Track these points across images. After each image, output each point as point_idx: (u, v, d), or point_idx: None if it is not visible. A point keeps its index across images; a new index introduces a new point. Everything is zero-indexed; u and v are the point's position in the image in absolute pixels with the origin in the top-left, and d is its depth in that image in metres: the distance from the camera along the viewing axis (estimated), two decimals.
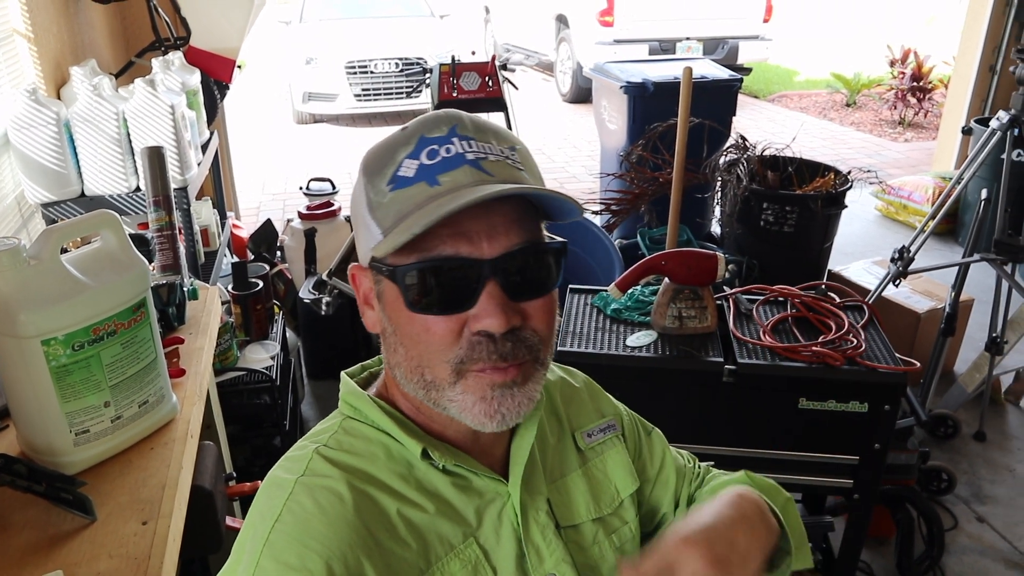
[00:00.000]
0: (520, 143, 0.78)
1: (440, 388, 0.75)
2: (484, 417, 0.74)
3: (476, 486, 0.81)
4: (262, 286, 2.56)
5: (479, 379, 0.74)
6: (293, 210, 4.43)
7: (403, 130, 0.77)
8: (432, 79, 4.08)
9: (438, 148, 0.73)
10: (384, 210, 0.73)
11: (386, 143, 0.77)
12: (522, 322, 0.74)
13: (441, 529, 0.77)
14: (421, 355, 0.75)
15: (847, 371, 1.79)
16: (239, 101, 8.20)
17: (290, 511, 0.72)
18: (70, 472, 1.20)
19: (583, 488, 0.90)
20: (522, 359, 0.74)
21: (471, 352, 0.73)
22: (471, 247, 0.71)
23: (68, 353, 1.15)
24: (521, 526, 0.82)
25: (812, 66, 10.59)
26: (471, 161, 0.73)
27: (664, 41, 7.97)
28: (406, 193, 0.72)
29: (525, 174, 0.76)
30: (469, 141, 0.74)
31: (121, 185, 2.36)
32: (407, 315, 0.74)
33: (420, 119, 0.77)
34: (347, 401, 0.85)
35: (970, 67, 5.24)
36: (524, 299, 0.74)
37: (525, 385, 0.76)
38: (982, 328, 2.90)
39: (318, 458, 0.78)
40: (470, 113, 0.78)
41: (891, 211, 5.10)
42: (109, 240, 1.25)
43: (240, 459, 2.29)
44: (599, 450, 0.94)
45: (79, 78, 2.27)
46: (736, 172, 3.38)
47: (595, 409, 0.98)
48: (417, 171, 0.73)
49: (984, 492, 2.70)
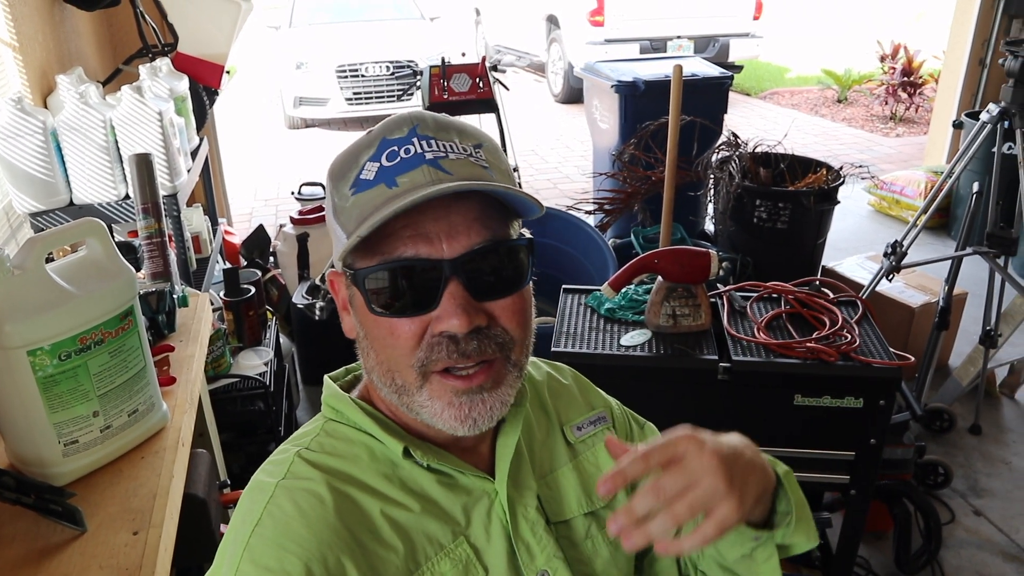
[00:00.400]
0: (488, 139, 0.78)
1: (409, 392, 0.75)
2: (455, 422, 0.74)
3: (462, 484, 0.81)
4: (254, 292, 2.55)
5: (443, 384, 0.74)
6: (285, 216, 4.41)
7: (368, 134, 0.77)
8: (422, 81, 4.07)
9: (397, 149, 0.73)
10: (347, 214, 0.73)
11: (351, 148, 0.77)
12: (489, 321, 0.74)
13: (428, 528, 0.77)
14: (389, 359, 0.75)
15: (842, 367, 1.78)
16: (229, 107, 8.18)
17: (270, 514, 0.72)
18: (59, 483, 1.18)
19: (574, 482, 0.90)
20: (490, 356, 0.74)
21: (430, 353, 0.73)
22: (430, 248, 0.71)
23: (55, 363, 1.14)
24: (510, 523, 0.81)
25: (803, 63, 10.61)
26: (429, 160, 0.72)
27: (655, 40, 7.98)
28: (366, 196, 0.72)
29: (490, 171, 0.75)
30: (429, 140, 0.73)
31: (110, 193, 2.34)
32: (372, 319, 0.74)
33: (384, 122, 0.77)
34: (329, 404, 0.85)
35: (960, 61, 5.25)
36: (490, 298, 0.74)
37: (496, 389, 0.75)
38: (976, 322, 2.90)
39: (299, 461, 0.78)
40: (436, 113, 0.78)
41: (884, 206, 5.10)
42: (95, 248, 1.24)
43: (235, 466, 2.28)
44: (590, 443, 0.94)
45: (65, 86, 2.26)
46: (728, 169, 3.39)
47: (585, 403, 0.97)
48: (377, 173, 0.72)
49: (981, 485, 2.70)
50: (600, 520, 0.90)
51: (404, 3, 9.03)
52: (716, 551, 0.86)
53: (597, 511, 0.90)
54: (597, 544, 0.88)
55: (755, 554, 0.82)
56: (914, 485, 2.35)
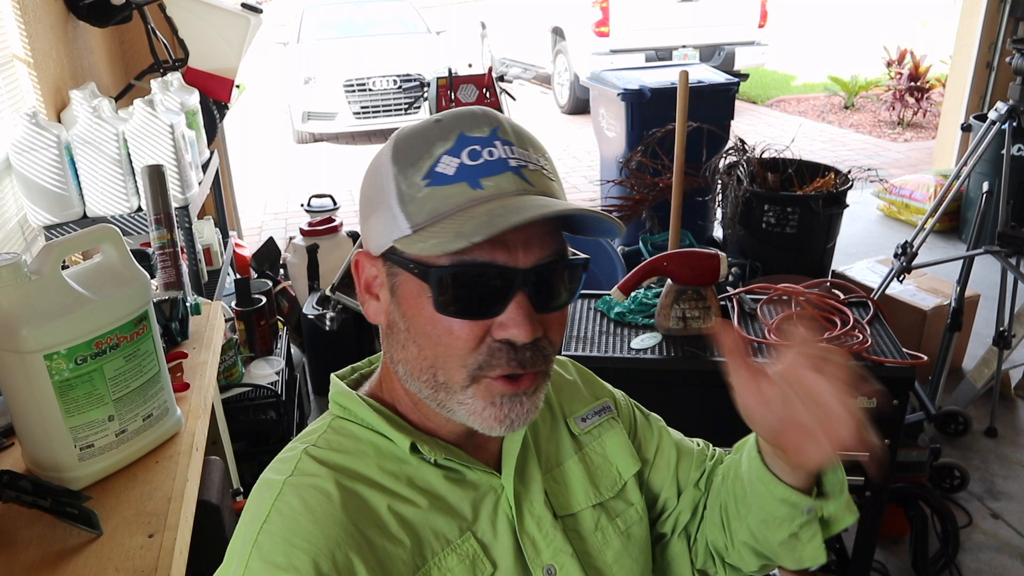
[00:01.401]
0: (548, 153, 0.78)
1: (451, 391, 0.75)
2: (494, 421, 0.74)
3: (470, 479, 0.81)
4: (265, 302, 2.56)
5: (491, 386, 0.74)
6: (295, 229, 4.44)
7: (438, 123, 0.74)
8: (430, 93, 4.09)
9: (480, 149, 0.72)
10: (418, 205, 0.71)
11: (420, 134, 0.74)
12: (543, 333, 0.74)
13: (436, 524, 0.77)
14: (438, 356, 0.74)
15: (854, 366, 1.77)
16: (239, 123, 8.25)
17: (278, 511, 0.72)
18: (75, 487, 1.19)
19: (580, 475, 0.90)
20: (538, 368, 0.75)
21: (490, 359, 0.73)
22: (508, 256, 0.71)
23: (71, 367, 1.15)
24: (516, 518, 0.82)
25: (809, 70, 10.61)
26: (514, 168, 0.72)
27: (660, 50, 8.01)
28: (445, 191, 0.71)
29: (556, 185, 0.76)
30: (511, 146, 0.73)
31: (123, 205, 2.37)
32: (429, 315, 0.73)
33: (456, 114, 0.75)
34: (336, 401, 0.85)
35: (967, 65, 5.25)
36: (547, 311, 0.74)
37: (535, 394, 0.76)
38: (988, 324, 2.89)
39: (307, 458, 0.78)
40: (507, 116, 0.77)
41: (893, 211, 5.09)
42: (110, 254, 1.26)
43: (248, 475, 2.28)
44: (596, 433, 0.94)
45: (79, 101, 2.29)
46: (736, 174, 3.39)
47: (590, 394, 0.98)
48: (458, 170, 0.71)
49: (997, 488, 2.68)
50: (609, 511, 0.90)
51: (410, 17, 9.10)
52: (759, 534, 0.86)
53: (605, 502, 0.90)
54: (608, 536, 0.88)
55: (801, 533, 0.82)
56: (930, 488, 2.33)
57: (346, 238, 3.67)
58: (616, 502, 0.91)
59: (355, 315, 3.15)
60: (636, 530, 0.91)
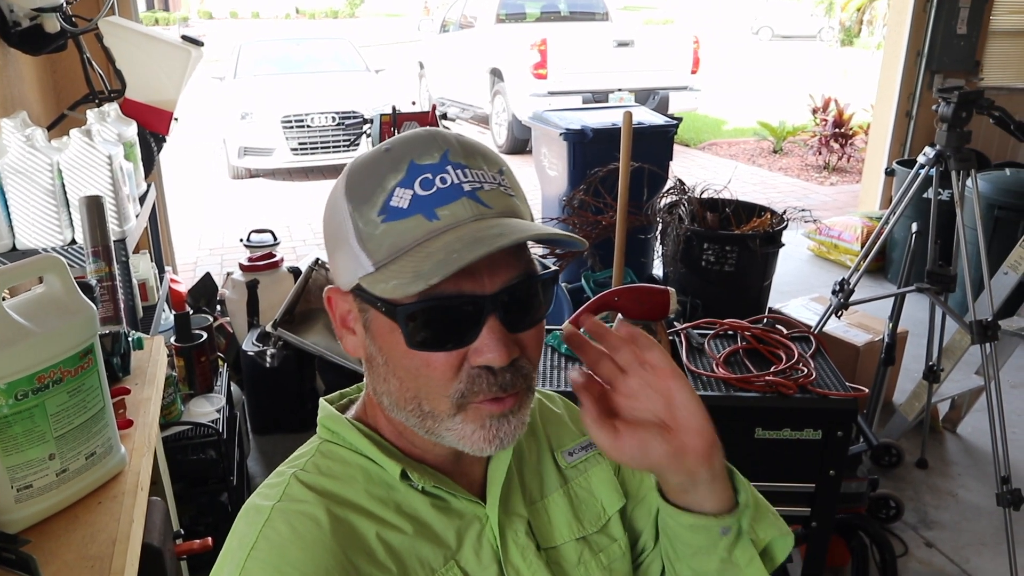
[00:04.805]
0: (504, 164, 0.76)
1: (438, 419, 0.74)
2: (483, 443, 0.74)
3: (455, 508, 0.81)
4: (206, 337, 2.49)
5: (478, 410, 0.73)
6: (231, 264, 4.34)
7: (387, 151, 0.73)
8: (373, 129, 4.09)
9: (432, 178, 0.70)
10: (376, 241, 0.70)
11: (370, 167, 0.73)
12: (520, 352, 0.74)
13: (421, 552, 0.77)
14: (419, 388, 0.74)
15: (800, 399, 1.82)
16: (173, 156, 8.07)
17: (265, 538, 0.71)
18: (12, 531, 1.12)
19: (564, 508, 0.89)
20: (519, 388, 0.74)
21: (471, 385, 0.72)
22: (474, 283, 0.70)
23: (10, 403, 1.09)
24: (500, 548, 0.81)
25: (739, 115, 11.01)
26: (468, 192, 0.70)
27: (597, 92, 8.20)
28: (401, 226, 0.69)
29: (516, 200, 0.74)
30: (463, 169, 0.71)
31: (56, 238, 2.28)
32: (404, 350, 0.72)
33: (405, 140, 0.74)
34: (325, 425, 0.83)
35: (888, 114, 5.52)
36: (521, 330, 0.74)
37: (520, 412, 0.76)
38: (916, 360, 3.00)
39: (295, 483, 0.76)
40: (456, 133, 0.76)
41: (823, 251, 5.27)
42: (54, 284, 1.20)
43: (186, 518, 2.19)
44: (582, 468, 0.93)
45: (9, 130, 2.20)
46: (677, 213, 3.46)
47: (577, 429, 0.97)
48: (412, 202, 0.70)
49: (930, 518, 2.76)
50: (592, 545, 0.89)
51: (349, 56, 9.12)
52: (698, 568, 0.84)
53: (588, 536, 0.89)
54: (590, 569, 0.87)
55: (734, 557, 0.80)
56: (869, 518, 2.39)
57: (287, 274, 3.61)
58: (599, 536, 0.90)
59: (296, 351, 3.08)
60: (619, 565, 0.90)
